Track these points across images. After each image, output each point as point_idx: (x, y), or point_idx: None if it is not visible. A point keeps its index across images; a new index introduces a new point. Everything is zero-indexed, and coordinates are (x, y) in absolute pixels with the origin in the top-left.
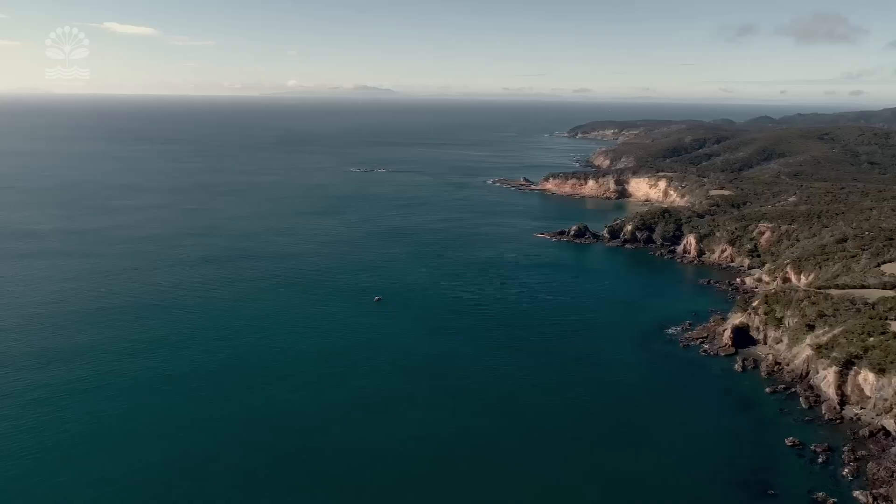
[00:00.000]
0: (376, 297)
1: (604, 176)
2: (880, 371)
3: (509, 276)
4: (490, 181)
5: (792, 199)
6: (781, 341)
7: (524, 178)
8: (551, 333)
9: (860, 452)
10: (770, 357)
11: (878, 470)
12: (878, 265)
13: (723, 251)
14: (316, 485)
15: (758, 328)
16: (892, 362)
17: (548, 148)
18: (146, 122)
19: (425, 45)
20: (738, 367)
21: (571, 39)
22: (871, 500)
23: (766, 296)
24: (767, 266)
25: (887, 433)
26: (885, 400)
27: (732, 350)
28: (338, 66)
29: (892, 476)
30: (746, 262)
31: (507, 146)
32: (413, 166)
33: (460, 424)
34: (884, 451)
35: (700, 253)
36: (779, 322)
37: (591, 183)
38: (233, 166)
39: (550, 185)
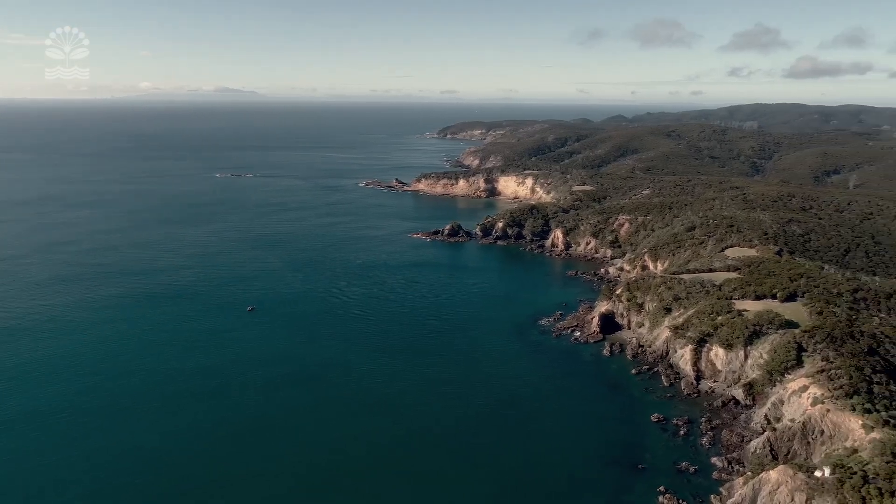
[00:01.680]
0: (249, 307)
1: (474, 175)
2: (728, 346)
3: (387, 277)
4: (362, 183)
5: (646, 192)
6: (643, 325)
7: (397, 180)
8: (431, 331)
9: (715, 422)
10: (634, 340)
11: (731, 436)
12: (723, 250)
13: (587, 243)
14: None
15: (622, 314)
16: (738, 337)
17: (418, 149)
18: None
19: (290, 46)
20: (606, 352)
21: (436, 42)
22: (726, 464)
23: (628, 283)
24: (628, 255)
25: (737, 402)
26: (734, 372)
27: (600, 336)
28: (196, 67)
29: (742, 441)
30: (609, 252)
31: (378, 148)
32: (282, 170)
33: (348, 432)
34: (735, 418)
35: (567, 246)
36: (640, 307)
37: (462, 182)
38: (85, 175)
39: (423, 186)
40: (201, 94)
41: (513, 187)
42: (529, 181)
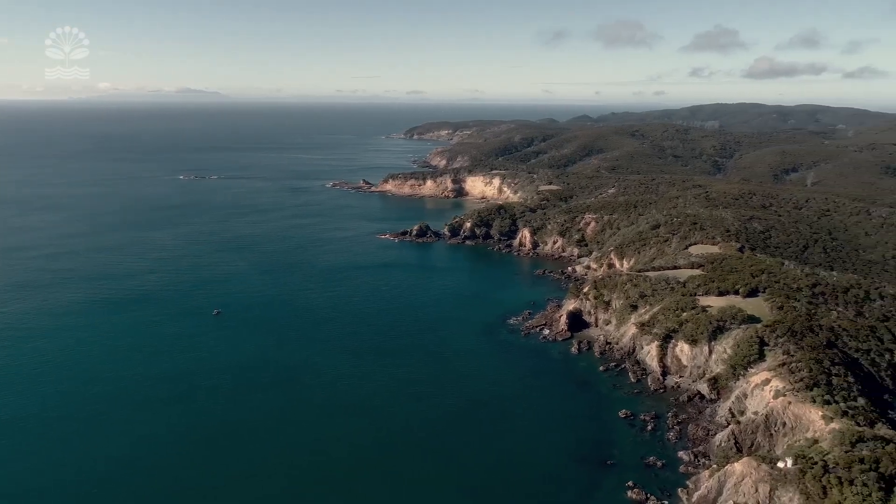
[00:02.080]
0: (215, 311)
1: (441, 176)
2: (693, 342)
3: (355, 279)
4: (329, 184)
5: (612, 191)
6: (610, 322)
7: (364, 181)
8: (401, 332)
9: (681, 416)
10: (601, 338)
11: (697, 430)
12: (686, 247)
13: (554, 242)
14: None
15: (589, 312)
16: (702, 333)
17: (385, 149)
18: None
19: (254, 46)
20: (574, 349)
21: (403, 42)
22: (692, 457)
23: (595, 281)
24: (594, 254)
25: (702, 396)
26: (699, 367)
27: (568, 334)
28: (157, 67)
29: (708, 434)
30: (576, 251)
31: (345, 148)
32: (248, 172)
33: (320, 434)
34: (700, 412)
35: (534, 245)
36: (607, 305)
37: (429, 183)
38: (45, 178)
39: (390, 187)
40: (163, 94)
41: (480, 187)
42: (497, 181)
